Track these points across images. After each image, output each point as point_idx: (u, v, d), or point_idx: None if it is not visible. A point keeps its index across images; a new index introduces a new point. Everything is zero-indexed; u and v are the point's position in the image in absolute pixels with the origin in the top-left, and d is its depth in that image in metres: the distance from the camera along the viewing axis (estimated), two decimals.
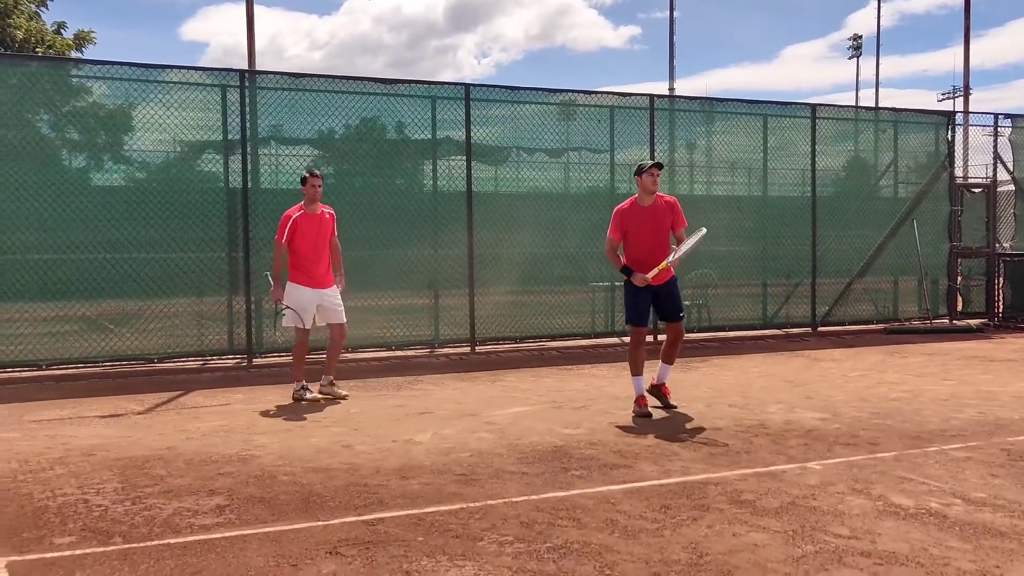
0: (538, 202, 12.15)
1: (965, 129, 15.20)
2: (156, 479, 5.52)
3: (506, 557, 4.11)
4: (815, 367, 10.13)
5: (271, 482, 5.43)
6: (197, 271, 10.25)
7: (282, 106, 10.93)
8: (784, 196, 13.89)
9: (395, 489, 5.25)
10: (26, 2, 22.87)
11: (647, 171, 7.35)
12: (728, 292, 13.28)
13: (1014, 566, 3.90)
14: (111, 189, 10.38)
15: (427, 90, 11.63)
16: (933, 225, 14.37)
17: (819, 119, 13.58)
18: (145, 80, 10.21)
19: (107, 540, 4.40)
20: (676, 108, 13.53)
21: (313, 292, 8.24)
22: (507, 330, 11.88)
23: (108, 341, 9.97)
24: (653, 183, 7.34)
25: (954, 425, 6.85)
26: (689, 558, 4.06)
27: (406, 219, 11.25)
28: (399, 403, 8.11)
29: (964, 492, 5.03)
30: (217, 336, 10.47)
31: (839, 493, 5.04)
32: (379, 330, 11.21)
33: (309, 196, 8.28)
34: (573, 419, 7.26)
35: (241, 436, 6.73)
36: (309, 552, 4.21)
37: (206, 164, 10.77)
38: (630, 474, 5.53)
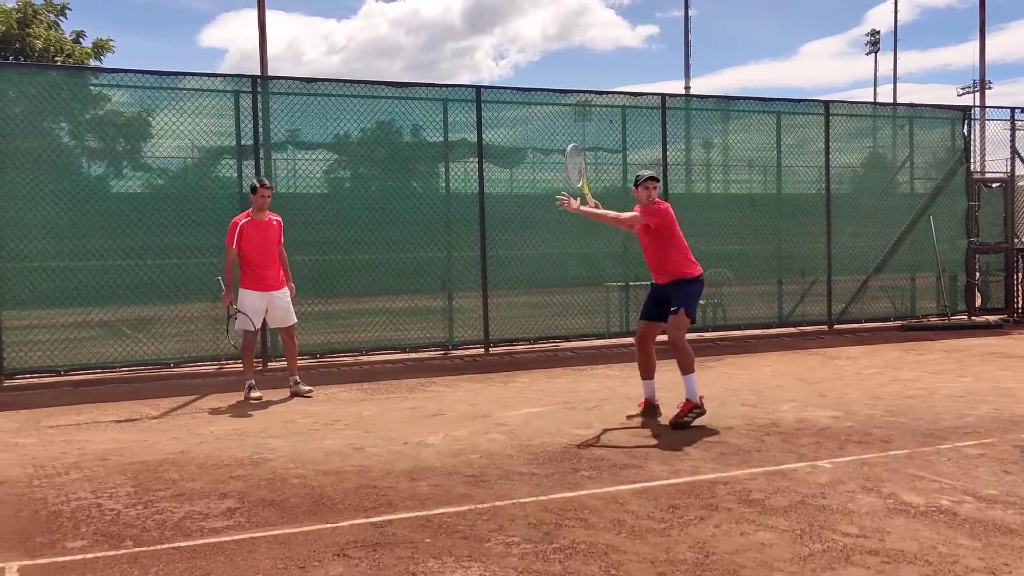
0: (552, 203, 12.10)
1: (982, 123, 15.05)
2: (169, 483, 5.57)
3: (512, 558, 4.12)
4: (829, 365, 10.07)
5: (282, 485, 5.47)
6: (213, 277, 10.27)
7: (295, 111, 11.01)
8: (799, 194, 13.82)
9: (404, 491, 5.27)
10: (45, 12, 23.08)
11: (642, 184, 7.27)
12: (743, 291, 13.22)
13: (1023, 563, 3.87)
14: (127, 196, 10.49)
15: (438, 93, 11.66)
16: (950, 221, 14.24)
17: (833, 115, 13.49)
18: (160, 87, 10.31)
19: (118, 544, 4.45)
20: (688, 107, 13.47)
21: (261, 296, 8.58)
22: (521, 331, 11.89)
23: (125, 347, 10.06)
24: (647, 198, 7.23)
25: (968, 422, 6.79)
26: (695, 557, 4.05)
27: (420, 222, 11.30)
28: (412, 405, 8.14)
29: (975, 489, 5.00)
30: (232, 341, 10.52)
31: (849, 491, 5.01)
32: (393, 332, 11.25)
33: (258, 204, 8.67)
34: (585, 419, 7.26)
35: (254, 439, 6.78)
36: (317, 554, 4.23)
37: (221, 170, 10.86)
38: (640, 474, 5.52)
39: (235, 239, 8.52)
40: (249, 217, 8.63)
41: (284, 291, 8.78)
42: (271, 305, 8.64)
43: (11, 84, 9.93)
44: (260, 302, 8.58)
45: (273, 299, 8.64)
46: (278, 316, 8.73)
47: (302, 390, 8.69)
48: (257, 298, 8.56)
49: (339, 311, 10.85)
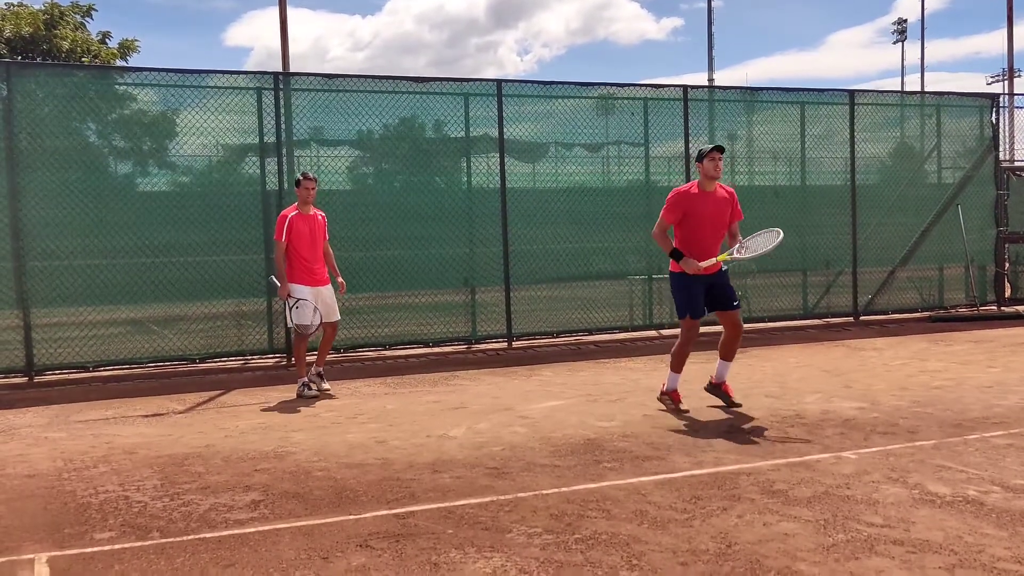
0: (575, 196, 12.14)
1: (1010, 111, 14.84)
2: (194, 476, 5.63)
3: (534, 548, 4.12)
4: (855, 356, 9.98)
5: (305, 477, 5.50)
6: (237, 273, 10.41)
7: (318, 107, 11.05)
8: (824, 184, 13.70)
9: (427, 483, 5.29)
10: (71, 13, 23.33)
11: (707, 155, 7.01)
12: (767, 282, 13.13)
13: None
14: (154, 195, 10.59)
15: (460, 87, 11.67)
16: (979, 210, 14.06)
17: (858, 105, 13.36)
18: (184, 85, 10.40)
19: (145, 535, 4.50)
20: (711, 98, 13.38)
21: (313, 290, 8.51)
22: (543, 325, 11.89)
23: (152, 343, 10.18)
24: (715, 168, 6.98)
25: (997, 412, 6.71)
26: (717, 548, 4.04)
27: (442, 217, 11.32)
28: (435, 399, 8.16)
29: (1003, 479, 4.94)
30: (257, 336, 10.63)
31: (874, 482, 4.97)
32: (416, 327, 11.30)
33: (302, 198, 8.59)
34: (607, 412, 7.25)
35: (278, 433, 6.84)
36: (340, 545, 4.26)
37: (245, 167, 10.94)
38: (662, 465, 5.51)
39: (284, 232, 8.45)
40: (296, 211, 8.57)
41: (330, 287, 8.75)
42: (318, 300, 8.55)
43: (39, 85, 10.05)
44: (311, 297, 8.50)
45: (320, 294, 8.58)
46: (325, 312, 8.60)
47: (322, 387, 8.66)
48: (308, 292, 8.49)
49: (363, 307, 10.89)
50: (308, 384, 8.47)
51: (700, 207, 7.06)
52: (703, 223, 7.06)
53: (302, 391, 8.41)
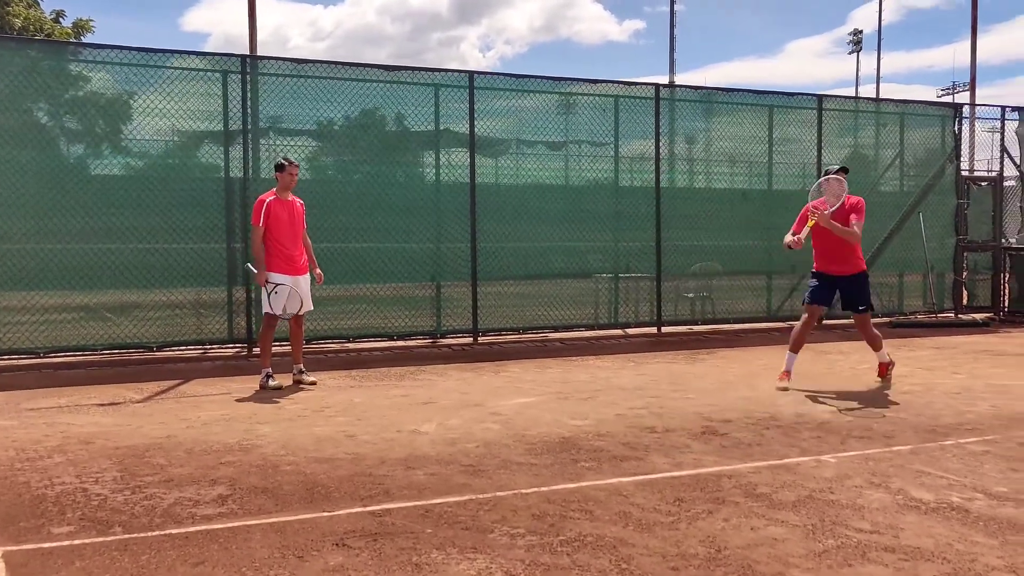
0: (542, 194, 12.02)
1: (972, 122, 15.06)
2: (156, 468, 5.39)
3: (519, 550, 3.99)
4: (822, 360, 10.01)
5: (274, 472, 5.30)
6: (197, 261, 10.11)
7: (284, 93, 10.77)
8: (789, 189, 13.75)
9: (401, 480, 5.13)
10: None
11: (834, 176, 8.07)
12: (732, 284, 13.16)
13: None
14: (111, 178, 10.22)
15: (431, 78, 11.48)
16: (939, 219, 14.24)
17: (825, 110, 13.45)
18: (144, 65, 10.04)
19: (106, 530, 4.28)
20: (680, 99, 13.36)
21: (292, 279, 8.26)
22: (509, 321, 11.77)
23: (107, 329, 9.83)
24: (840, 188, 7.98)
25: (969, 419, 6.73)
26: (707, 552, 3.94)
27: (410, 210, 11.12)
28: (402, 393, 7.99)
29: (985, 486, 4.92)
30: (217, 325, 10.33)
31: (857, 487, 4.92)
32: (381, 320, 11.09)
33: (285, 183, 8.33)
34: (580, 410, 7.14)
35: (242, 425, 6.61)
36: (315, 543, 4.08)
37: (206, 153, 10.62)
38: (641, 466, 5.41)
39: (262, 217, 8.16)
40: (275, 196, 8.28)
41: (308, 276, 8.48)
42: (297, 290, 8.28)
43: None
44: (290, 284, 8.23)
45: (297, 283, 8.31)
46: (293, 300, 8.30)
47: (305, 380, 8.42)
48: (287, 281, 8.22)
49: (326, 298, 10.64)
50: (272, 375, 8.24)
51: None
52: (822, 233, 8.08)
53: (265, 382, 8.17)
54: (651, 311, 12.48)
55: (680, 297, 12.81)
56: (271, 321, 8.33)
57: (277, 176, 8.34)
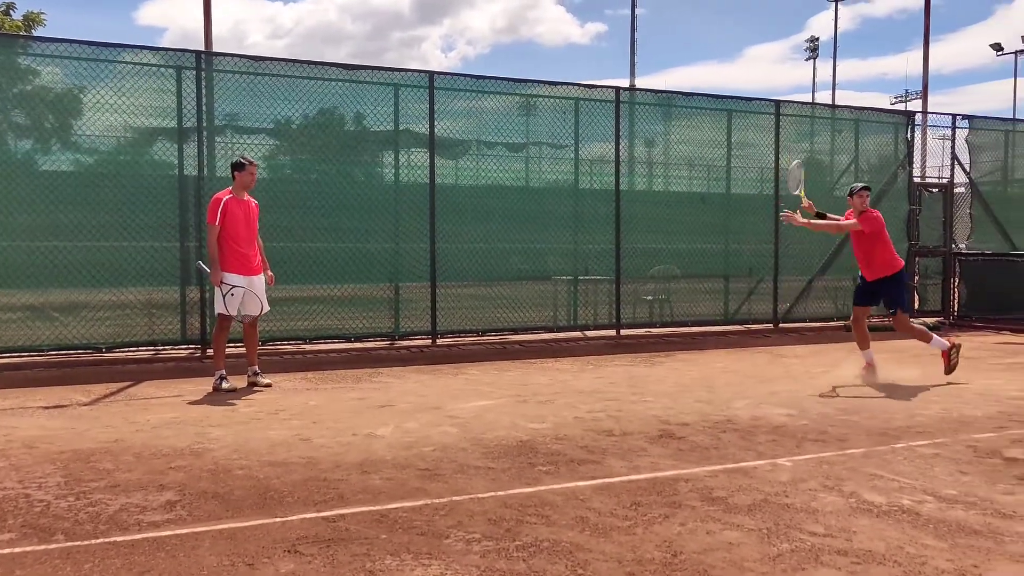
0: (501, 195, 11.98)
1: (924, 129, 15.32)
2: (102, 473, 5.26)
3: (474, 556, 3.94)
4: (778, 363, 10.10)
5: (225, 476, 5.20)
6: (149, 259, 9.91)
7: (241, 90, 10.60)
8: (747, 193, 13.89)
9: (356, 484, 5.05)
10: None
11: (856, 193, 8.96)
12: (691, 287, 13.24)
13: (992, 565, 3.83)
14: (59, 174, 9.98)
15: (391, 77, 11.38)
16: (892, 224, 14.28)
17: (783, 116, 13.59)
18: (96, 59, 9.83)
19: (49, 537, 4.15)
20: (640, 102, 13.40)
21: (247, 279, 8.16)
22: (468, 323, 11.71)
23: (54, 330, 9.59)
24: (862, 204, 8.88)
25: (920, 422, 6.82)
26: (663, 557, 3.92)
27: (366, 210, 11.02)
28: (359, 396, 7.90)
29: (935, 489, 4.97)
30: (169, 325, 10.14)
31: (811, 490, 4.95)
32: (339, 321, 10.97)
33: (243, 182, 8.22)
34: (538, 413, 7.11)
35: (194, 428, 6.48)
36: (266, 550, 4.00)
37: (159, 150, 10.42)
38: (598, 470, 5.39)
39: (218, 216, 8.02)
40: (231, 194, 8.16)
41: (262, 276, 8.37)
42: (251, 290, 8.18)
43: None
44: (246, 286, 8.13)
45: (252, 283, 8.20)
46: (252, 302, 8.23)
47: (260, 382, 8.31)
48: (242, 282, 8.11)
49: (283, 299, 10.49)
50: (226, 377, 8.10)
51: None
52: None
53: (219, 384, 8.04)
54: (610, 314, 12.50)
55: (639, 300, 12.85)
56: (224, 322, 8.20)
57: (236, 175, 8.21)
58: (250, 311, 8.20)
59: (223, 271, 8.04)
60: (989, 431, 6.49)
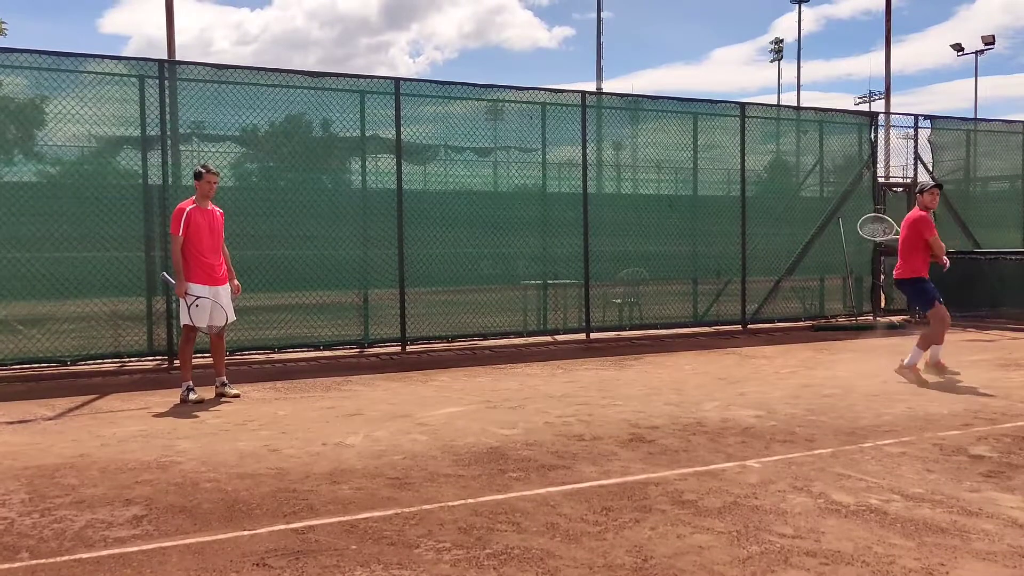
0: (469, 200, 11.98)
1: (887, 130, 15.54)
2: (67, 489, 5.18)
3: (444, 565, 3.93)
4: (747, 364, 10.17)
5: (193, 490, 5.14)
6: (114, 270, 9.80)
7: (205, 100, 10.53)
8: (714, 195, 14.00)
9: (326, 495, 5.02)
10: None
11: (928, 191, 9.05)
12: (659, 290, 13.32)
13: (958, 563, 3.88)
14: (22, 185, 9.83)
15: (356, 84, 11.34)
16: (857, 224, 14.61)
17: (748, 118, 13.71)
18: (58, 69, 9.71)
19: (13, 556, 4.08)
20: (606, 106, 13.45)
21: (212, 290, 8.09)
22: (438, 329, 11.69)
23: (17, 343, 9.45)
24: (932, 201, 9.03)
25: (886, 420, 6.90)
26: (634, 562, 3.93)
27: (335, 216, 10.98)
28: (329, 404, 7.85)
29: (902, 488, 5.03)
30: (135, 337, 10.03)
31: (780, 491, 4.98)
32: (306, 329, 10.91)
33: (203, 192, 8.15)
34: (508, 419, 7.10)
35: (161, 441, 6.40)
36: (234, 564, 3.96)
37: (124, 160, 10.31)
38: (569, 475, 5.39)
39: (181, 226, 7.95)
40: (195, 204, 8.08)
41: (228, 286, 8.29)
42: (217, 301, 8.09)
43: None
44: (211, 296, 8.04)
45: (218, 294, 8.11)
46: (217, 313, 8.13)
47: (229, 392, 8.23)
48: (207, 292, 8.02)
49: (250, 307, 10.42)
50: (193, 388, 8.02)
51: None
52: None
53: (186, 396, 7.95)
54: (579, 317, 12.54)
55: (608, 303, 12.90)
56: (190, 333, 8.12)
57: (196, 184, 8.14)
58: (216, 322, 8.13)
59: (188, 282, 7.96)
60: (955, 429, 6.58)
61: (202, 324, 8.04)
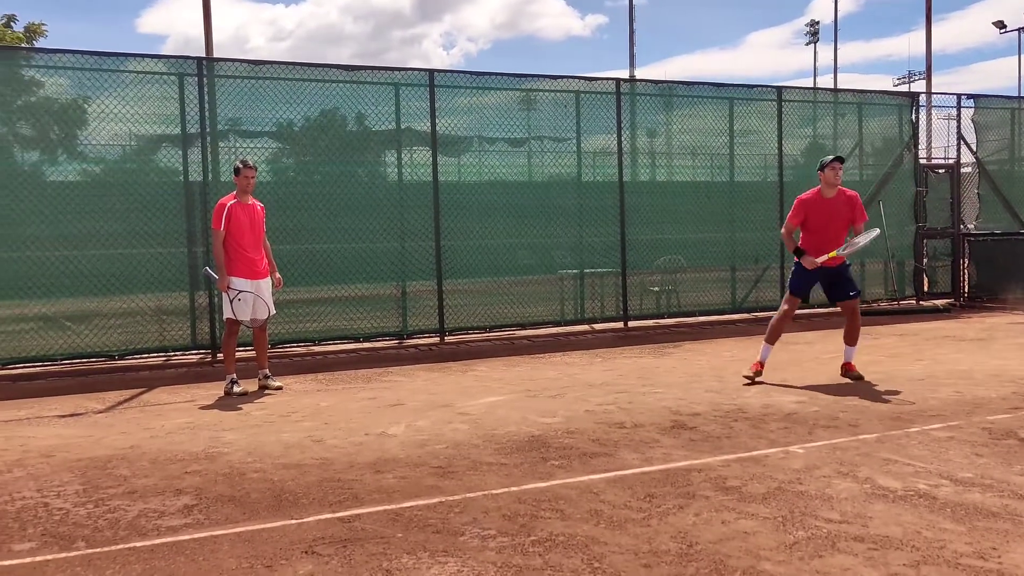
0: (505, 190, 11.99)
1: (928, 110, 15.27)
2: (119, 480, 5.29)
3: (490, 552, 3.96)
4: (787, 350, 10.09)
5: (240, 480, 5.23)
6: (158, 266, 9.95)
7: (243, 95, 10.62)
8: (751, 181, 13.87)
9: (370, 484, 5.07)
10: None
11: (828, 165, 7.83)
12: (697, 277, 13.23)
13: (1010, 547, 3.83)
14: (68, 184, 10.01)
15: (390, 77, 11.39)
16: (899, 207, 14.42)
17: (785, 102, 13.55)
18: (99, 69, 9.86)
19: (69, 545, 4.18)
20: (640, 92, 13.37)
21: (253, 283, 8.17)
22: (476, 320, 11.72)
23: (67, 339, 9.64)
24: (835, 176, 7.81)
25: (932, 405, 6.81)
26: (679, 548, 3.94)
27: (371, 210, 11.04)
28: (370, 395, 7.92)
29: (950, 472, 4.97)
30: (180, 331, 10.18)
31: (825, 477, 4.95)
32: (346, 322, 10.99)
33: (242, 187, 8.23)
34: (548, 408, 7.12)
35: (208, 433, 6.51)
36: (284, 552, 4.02)
37: (164, 157, 10.46)
38: (611, 463, 5.40)
39: (223, 221, 8.06)
40: (235, 199, 8.18)
41: (269, 280, 8.39)
42: (258, 295, 8.19)
43: None
44: (252, 290, 8.15)
45: (259, 287, 8.22)
46: (259, 307, 8.24)
47: (272, 385, 8.33)
48: (248, 286, 8.13)
49: (290, 301, 10.52)
50: (236, 381, 8.13)
51: (819, 211, 7.88)
52: (822, 226, 7.87)
53: (230, 388, 8.07)
54: (617, 306, 12.51)
55: (645, 291, 12.85)
56: (232, 327, 8.23)
57: (235, 180, 8.25)
58: (258, 315, 8.23)
59: (229, 276, 8.07)
60: (1003, 412, 6.48)
61: (244, 318, 8.15)
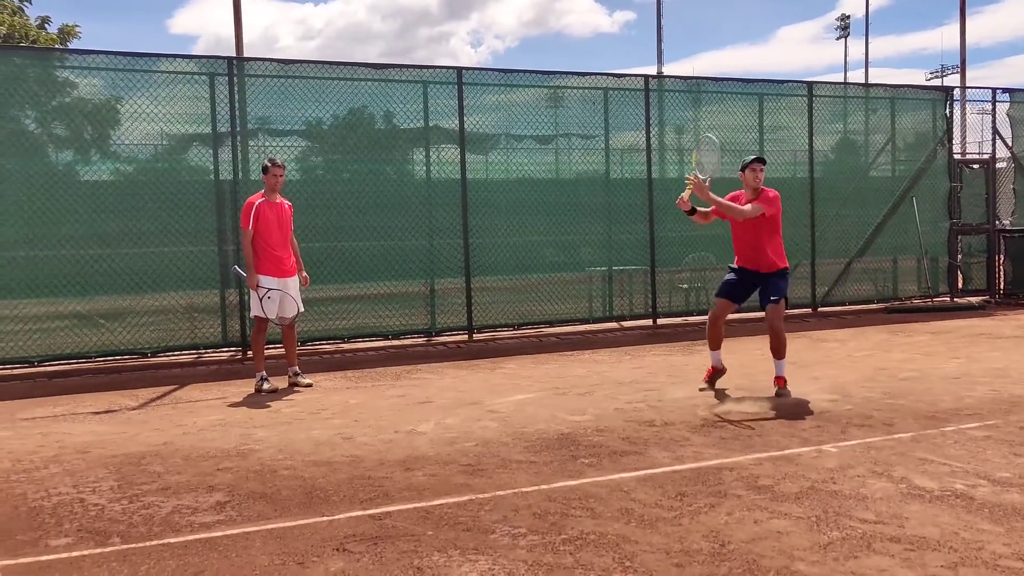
0: (533, 188, 11.97)
1: (963, 104, 15.04)
2: (153, 476, 5.35)
3: (520, 550, 3.95)
4: (819, 348, 9.99)
5: (272, 476, 5.26)
6: (189, 264, 10.04)
7: (272, 94, 10.69)
8: (781, 177, 13.73)
9: (400, 481, 5.09)
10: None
11: (749, 166, 7.43)
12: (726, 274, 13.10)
13: None
14: (100, 184, 10.13)
15: (419, 75, 11.41)
16: (932, 202, 14.22)
17: (816, 97, 13.41)
18: (131, 70, 9.97)
19: (105, 541, 4.23)
20: (669, 89, 13.28)
21: (280, 282, 8.22)
22: (504, 317, 11.71)
23: (100, 336, 9.75)
24: (755, 179, 7.38)
25: (968, 404, 6.71)
26: (711, 547, 3.91)
27: (399, 207, 11.07)
28: (399, 393, 7.94)
29: (988, 472, 4.90)
30: (211, 329, 10.26)
31: (859, 476, 4.89)
32: (374, 319, 11.03)
33: (270, 185, 8.28)
34: (578, 405, 7.11)
35: (239, 430, 6.56)
36: (315, 549, 4.04)
37: (195, 156, 10.55)
38: (641, 461, 5.37)
39: (251, 219, 8.13)
40: (263, 198, 8.26)
41: (296, 278, 8.46)
42: (286, 292, 8.26)
43: None
44: (280, 288, 8.21)
45: (286, 285, 8.28)
46: (287, 304, 8.31)
47: (301, 382, 8.39)
48: (276, 284, 8.19)
49: (320, 299, 10.57)
50: (266, 378, 8.19)
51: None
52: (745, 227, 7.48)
53: (260, 385, 8.13)
54: (646, 303, 12.45)
55: (674, 288, 12.77)
56: (261, 324, 8.29)
57: (263, 178, 8.31)
58: (286, 313, 8.28)
59: (258, 274, 8.13)
60: None
61: (272, 315, 8.20)
